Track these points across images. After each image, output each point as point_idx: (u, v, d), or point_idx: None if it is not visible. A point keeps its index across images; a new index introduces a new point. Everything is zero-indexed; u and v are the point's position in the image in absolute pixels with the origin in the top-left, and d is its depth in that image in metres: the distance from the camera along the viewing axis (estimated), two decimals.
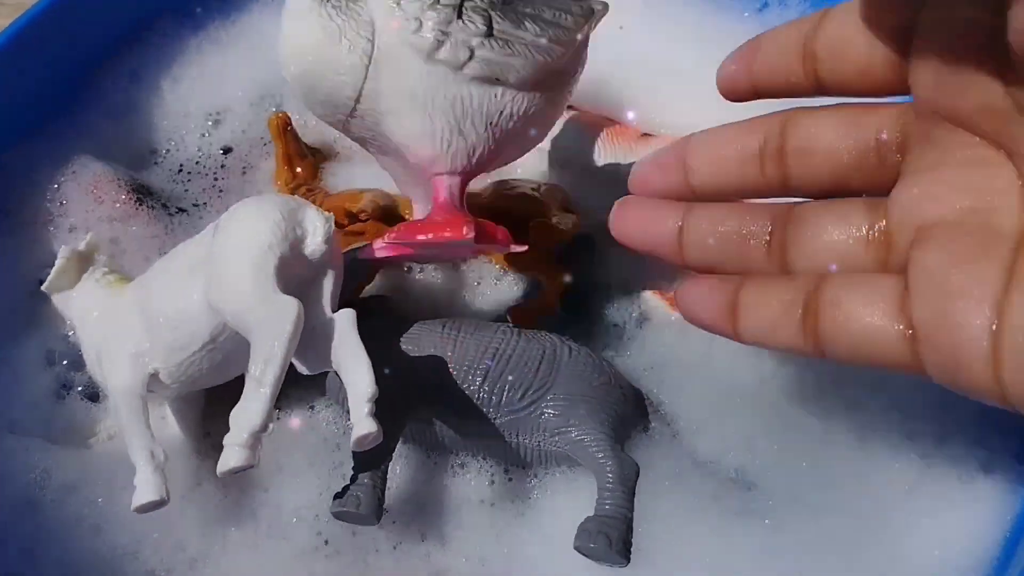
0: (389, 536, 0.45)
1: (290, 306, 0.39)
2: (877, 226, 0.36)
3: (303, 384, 0.44)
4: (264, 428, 0.38)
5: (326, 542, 0.45)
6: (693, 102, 0.57)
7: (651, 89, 0.58)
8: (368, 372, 0.39)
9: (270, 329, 0.38)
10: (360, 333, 0.40)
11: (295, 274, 0.41)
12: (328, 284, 0.42)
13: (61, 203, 0.52)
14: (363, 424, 0.39)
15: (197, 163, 0.57)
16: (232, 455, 0.37)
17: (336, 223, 0.44)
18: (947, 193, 0.33)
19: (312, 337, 0.40)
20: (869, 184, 0.37)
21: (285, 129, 0.54)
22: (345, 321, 0.40)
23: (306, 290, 0.41)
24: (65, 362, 0.49)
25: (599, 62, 0.58)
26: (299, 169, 0.55)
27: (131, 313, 0.44)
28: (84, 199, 0.52)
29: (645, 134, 0.56)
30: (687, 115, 0.57)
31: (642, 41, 0.58)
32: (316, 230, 0.41)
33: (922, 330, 0.32)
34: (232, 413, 0.38)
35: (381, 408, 0.43)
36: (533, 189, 0.52)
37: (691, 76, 0.57)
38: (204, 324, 0.42)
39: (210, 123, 0.58)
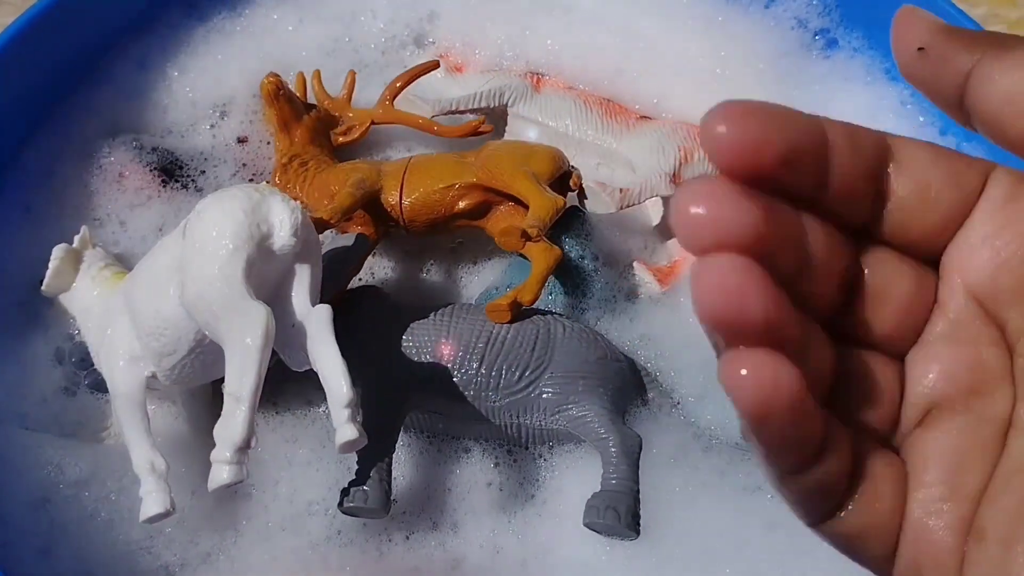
0: (400, 526, 0.45)
1: (258, 314, 0.36)
2: None
3: (299, 379, 0.43)
4: (247, 443, 0.36)
5: (339, 532, 0.45)
6: (693, 89, 0.57)
7: (655, 75, 0.57)
8: (343, 376, 0.37)
9: (240, 340, 0.36)
10: (353, 324, 0.39)
11: (269, 271, 0.39)
12: (305, 278, 0.40)
13: (84, 195, 0.52)
14: (344, 430, 0.37)
15: (213, 149, 0.56)
16: (220, 472, 0.36)
17: (325, 219, 0.43)
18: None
19: (294, 335, 0.39)
20: None
21: (278, 93, 0.51)
22: (316, 320, 0.38)
23: (284, 285, 0.40)
24: (74, 359, 0.49)
25: (608, 48, 0.58)
26: (296, 135, 0.52)
27: (123, 315, 0.43)
28: (108, 189, 0.52)
29: (643, 116, 0.55)
30: (685, 100, 0.57)
31: (652, 30, 0.58)
32: (283, 223, 0.39)
33: None
34: (215, 429, 0.37)
35: (379, 400, 0.43)
36: None
37: (695, 65, 0.58)
38: (186, 330, 0.40)
39: (217, 114, 0.57)
